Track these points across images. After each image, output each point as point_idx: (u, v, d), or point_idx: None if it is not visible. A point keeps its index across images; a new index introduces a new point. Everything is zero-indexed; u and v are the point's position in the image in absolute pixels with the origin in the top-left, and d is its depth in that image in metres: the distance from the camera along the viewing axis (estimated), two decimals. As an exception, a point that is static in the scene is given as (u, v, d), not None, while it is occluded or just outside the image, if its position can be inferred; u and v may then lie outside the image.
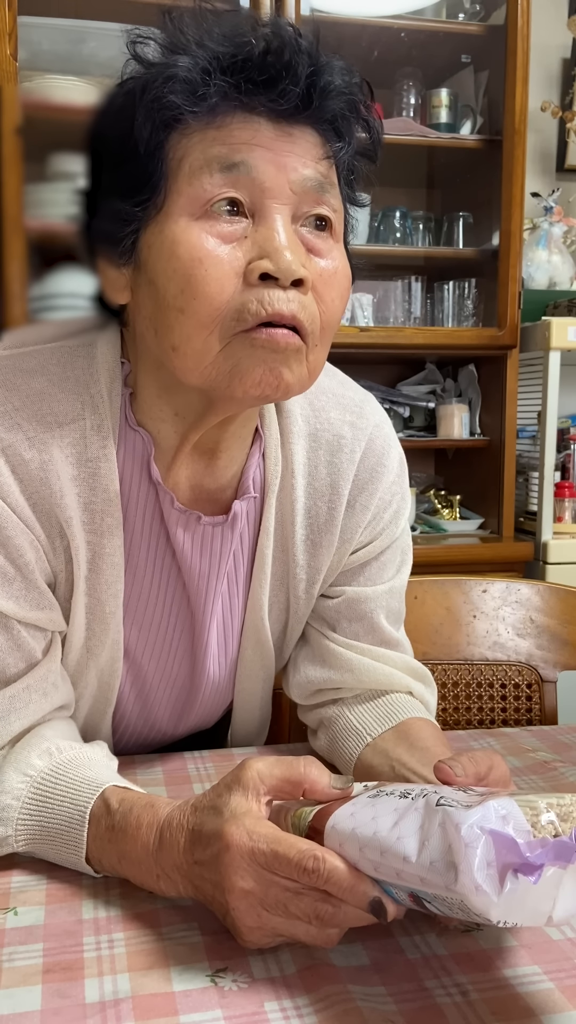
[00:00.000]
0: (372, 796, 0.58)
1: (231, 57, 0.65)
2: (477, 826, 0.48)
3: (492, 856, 0.47)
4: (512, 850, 0.47)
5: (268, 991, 0.55)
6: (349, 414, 0.86)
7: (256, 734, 0.99)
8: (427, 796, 0.54)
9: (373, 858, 0.54)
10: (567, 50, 2.70)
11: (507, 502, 2.31)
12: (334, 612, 0.90)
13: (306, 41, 0.67)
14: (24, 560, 0.73)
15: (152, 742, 0.95)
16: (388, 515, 0.88)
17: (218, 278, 0.66)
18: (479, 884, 0.47)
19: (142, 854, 0.63)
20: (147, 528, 0.80)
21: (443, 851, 0.50)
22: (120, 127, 0.67)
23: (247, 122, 0.66)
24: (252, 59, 0.65)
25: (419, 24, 2.19)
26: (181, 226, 0.67)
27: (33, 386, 0.73)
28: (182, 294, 0.66)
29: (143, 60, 0.68)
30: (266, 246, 0.66)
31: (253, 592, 0.87)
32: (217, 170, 0.66)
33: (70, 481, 0.74)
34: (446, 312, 2.37)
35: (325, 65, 0.67)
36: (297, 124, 0.68)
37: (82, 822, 0.66)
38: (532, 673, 1.24)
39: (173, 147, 0.67)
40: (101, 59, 1.92)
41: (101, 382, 0.75)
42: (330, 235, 0.71)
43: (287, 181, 0.67)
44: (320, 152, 0.69)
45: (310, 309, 0.68)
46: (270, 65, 0.65)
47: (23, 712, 0.75)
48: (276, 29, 0.66)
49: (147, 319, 0.71)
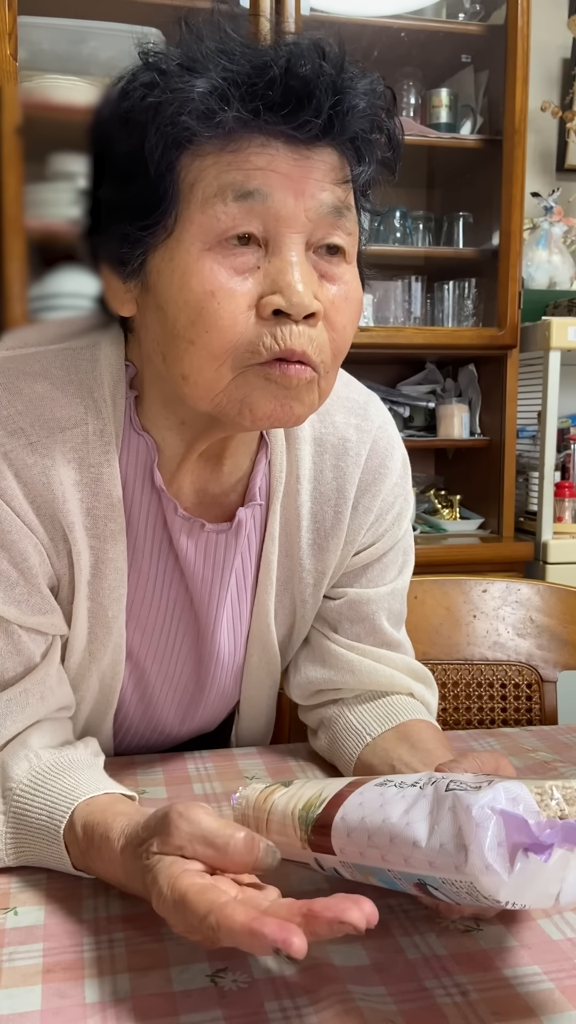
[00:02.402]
0: (379, 784, 0.58)
1: (250, 83, 0.62)
2: (488, 807, 0.48)
3: (503, 836, 0.47)
4: (522, 830, 0.47)
5: (268, 991, 0.55)
6: (354, 416, 0.85)
7: (262, 736, 0.99)
8: (436, 783, 0.54)
9: (382, 845, 0.54)
10: (567, 50, 2.69)
11: (507, 502, 2.31)
12: (335, 613, 0.90)
13: (330, 62, 0.63)
14: (28, 564, 0.73)
15: (155, 744, 0.95)
16: (391, 517, 0.88)
17: (231, 312, 0.65)
18: (489, 863, 0.47)
19: (115, 881, 0.63)
20: (150, 534, 0.80)
21: (453, 834, 0.50)
22: (129, 142, 0.64)
23: (264, 147, 0.63)
24: (273, 85, 0.62)
25: (419, 24, 2.19)
26: (193, 256, 0.64)
27: (36, 390, 0.73)
28: (193, 326, 0.65)
29: (157, 70, 0.63)
30: (279, 280, 0.65)
31: (259, 598, 0.86)
32: (231, 198, 0.63)
33: (73, 486, 0.73)
34: (446, 312, 2.37)
35: (349, 85, 0.64)
36: (316, 147, 0.65)
37: (59, 839, 0.66)
38: (532, 673, 1.24)
39: (185, 168, 0.64)
40: (101, 59, 1.92)
41: (105, 386, 0.74)
42: (343, 259, 0.69)
43: (303, 209, 0.65)
44: (339, 175, 0.67)
45: (319, 340, 0.68)
46: (291, 91, 0.62)
47: (19, 716, 0.74)
48: (299, 49, 0.63)
49: (155, 342, 0.70)
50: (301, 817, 0.61)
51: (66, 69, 1.91)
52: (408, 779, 0.57)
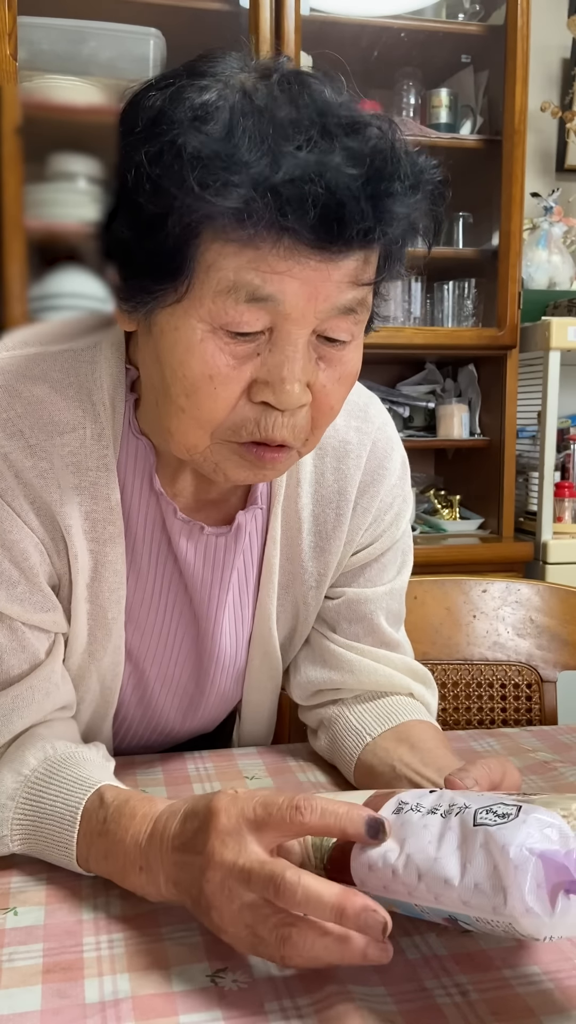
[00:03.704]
0: (396, 812, 0.56)
1: (286, 193, 0.58)
2: (526, 847, 0.48)
3: (542, 878, 0.47)
4: (562, 872, 0.47)
5: (268, 991, 0.55)
6: (354, 419, 0.85)
7: (263, 737, 0.99)
8: (461, 814, 0.52)
9: (409, 883, 0.52)
10: (567, 50, 2.69)
11: (507, 502, 2.31)
12: (334, 613, 0.90)
13: (377, 167, 0.59)
14: (29, 563, 0.73)
15: (155, 744, 0.95)
16: (389, 517, 0.88)
17: (225, 397, 0.65)
18: (530, 907, 0.47)
19: (130, 844, 0.62)
20: (149, 536, 0.80)
21: (489, 873, 0.49)
22: (154, 202, 0.60)
23: (289, 252, 0.60)
24: (306, 203, 0.58)
25: (419, 24, 2.18)
26: (197, 336, 0.63)
27: (35, 392, 0.73)
28: (187, 399, 0.66)
29: (194, 151, 0.58)
30: (274, 372, 0.64)
31: (261, 602, 0.87)
32: (244, 299, 0.62)
33: (71, 490, 0.73)
34: (446, 312, 2.37)
35: (389, 191, 0.60)
36: (344, 253, 0.62)
37: (73, 821, 0.66)
38: (532, 673, 1.24)
39: (206, 245, 0.61)
40: (101, 59, 1.92)
41: (104, 389, 0.74)
42: (348, 342, 0.67)
43: (315, 310, 0.63)
44: (362, 276, 0.65)
45: (303, 424, 0.68)
46: (328, 210, 0.58)
47: (25, 712, 0.75)
48: (344, 156, 0.58)
49: (151, 380, 0.70)
50: (315, 845, 0.59)
51: (66, 69, 1.90)
52: (424, 801, 0.55)
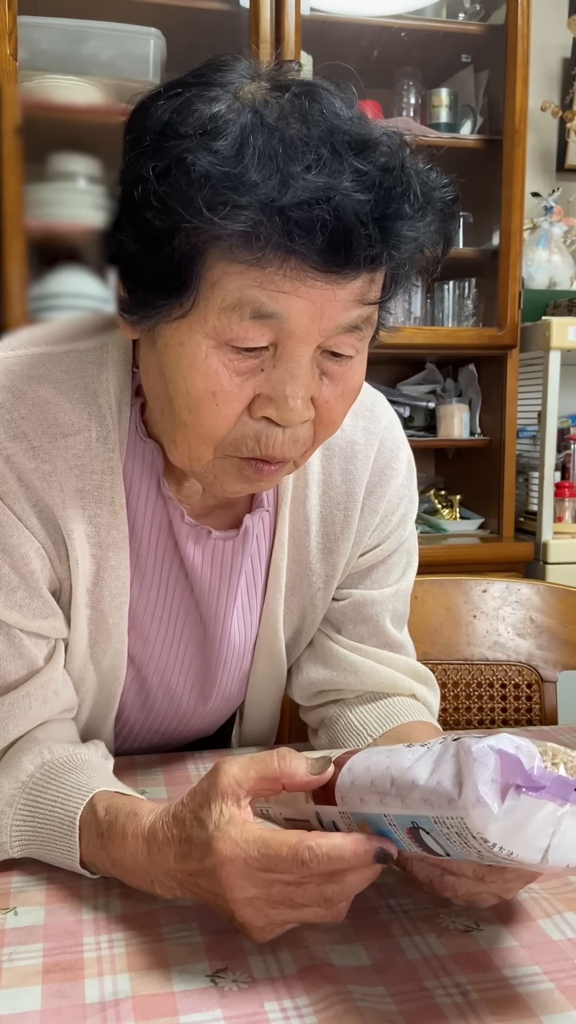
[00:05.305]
0: (391, 748, 0.59)
1: (295, 216, 0.57)
2: (488, 744, 0.50)
3: (497, 774, 0.49)
4: (517, 771, 0.49)
5: (268, 991, 0.55)
6: (361, 419, 0.85)
7: (266, 737, 0.99)
8: (446, 740, 0.55)
9: (382, 788, 0.55)
10: (567, 50, 2.69)
11: (507, 502, 2.31)
12: (339, 614, 0.90)
13: (386, 190, 0.59)
14: (29, 569, 0.72)
15: (156, 745, 0.95)
16: (396, 518, 0.88)
17: (227, 414, 0.65)
18: (480, 796, 0.48)
19: (132, 863, 0.62)
20: (155, 541, 0.79)
21: (453, 773, 0.51)
22: (161, 218, 0.60)
23: (296, 273, 0.60)
24: (322, 232, 0.57)
25: (419, 24, 2.18)
26: (202, 352, 0.63)
27: (40, 394, 0.72)
28: (190, 413, 0.66)
29: (202, 170, 0.57)
30: (278, 388, 0.64)
31: (268, 605, 0.86)
32: (249, 316, 0.61)
33: (74, 493, 0.73)
34: (446, 312, 2.37)
35: (398, 214, 0.60)
36: (351, 275, 0.61)
37: (72, 829, 0.66)
38: (532, 673, 1.24)
39: (212, 262, 0.61)
40: (101, 59, 1.92)
41: (110, 391, 0.73)
42: (352, 357, 0.67)
43: (320, 328, 0.63)
44: (368, 295, 0.64)
45: (304, 437, 0.68)
46: (336, 236, 0.58)
47: (22, 719, 0.74)
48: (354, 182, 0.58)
49: (154, 392, 0.70)
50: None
51: (66, 69, 1.90)
52: (420, 744, 0.58)
